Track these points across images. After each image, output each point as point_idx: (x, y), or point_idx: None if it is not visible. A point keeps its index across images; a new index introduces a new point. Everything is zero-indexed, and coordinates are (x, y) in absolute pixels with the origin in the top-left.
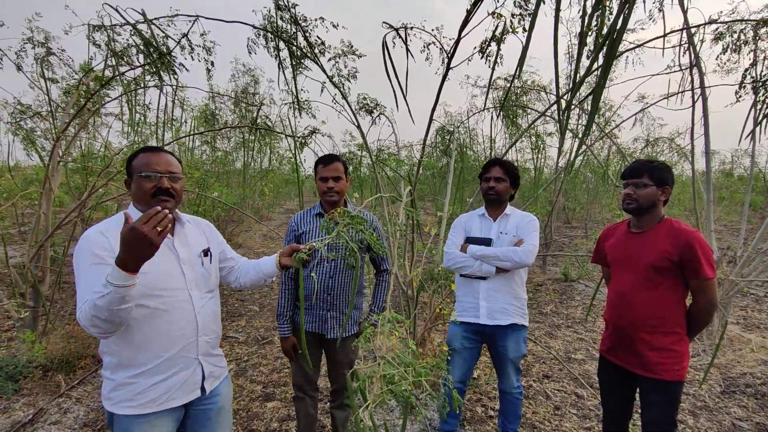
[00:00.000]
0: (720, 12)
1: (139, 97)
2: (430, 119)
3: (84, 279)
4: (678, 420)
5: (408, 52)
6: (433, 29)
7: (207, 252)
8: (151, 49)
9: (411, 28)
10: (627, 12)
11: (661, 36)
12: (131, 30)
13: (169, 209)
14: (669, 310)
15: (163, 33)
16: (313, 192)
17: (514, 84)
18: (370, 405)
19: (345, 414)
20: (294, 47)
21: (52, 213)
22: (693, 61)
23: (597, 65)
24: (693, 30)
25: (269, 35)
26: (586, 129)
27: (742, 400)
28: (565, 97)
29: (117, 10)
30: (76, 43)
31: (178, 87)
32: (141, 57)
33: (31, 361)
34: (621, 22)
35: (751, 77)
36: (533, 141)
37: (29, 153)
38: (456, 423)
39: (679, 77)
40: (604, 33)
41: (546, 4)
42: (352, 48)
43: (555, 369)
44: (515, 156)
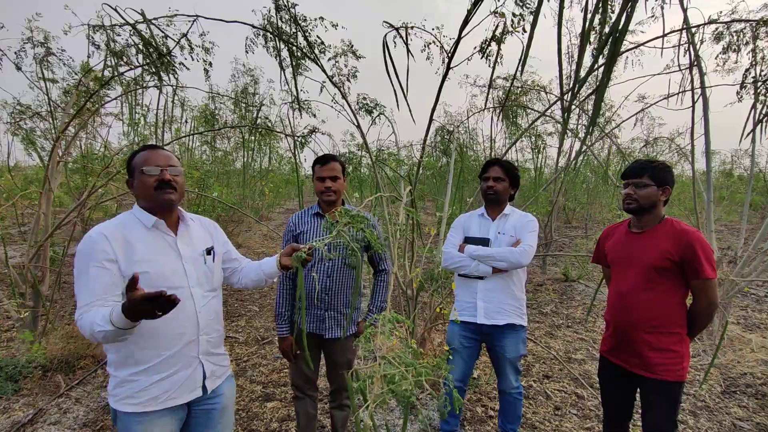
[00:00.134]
0: (720, 12)
1: (139, 98)
2: (430, 119)
3: (84, 283)
4: (678, 420)
5: (408, 51)
6: (434, 28)
7: (210, 251)
8: (151, 49)
9: (411, 27)
10: (630, 9)
11: (661, 36)
12: (130, 30)
13: (173, 201)
14: (669, 310)
15: (163, 33)
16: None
17: (513, 84)
18: (370, 405)
19: (344, 414)
20: (294, 47)
21: (51, 213)
22: (693, 61)
23: (600, 63)
24: (693, 30)
25: (269, 35)
26: (590, 125)
27: (742, 400)
28: (567, 96)
29: (116, 10)
30: (75, 43)
31: (177, 87)
32: (140, 57)
33: (31, 362)
34: (624, 19)
35: (752, 77)
36: (533, 141)
37: (29, 153)
38: (456, 423)
39: (679, 77)
40: (606, 31)
41: (546, 3)
42: (352, 47)
43: (555, 369)
44: (515, 156)
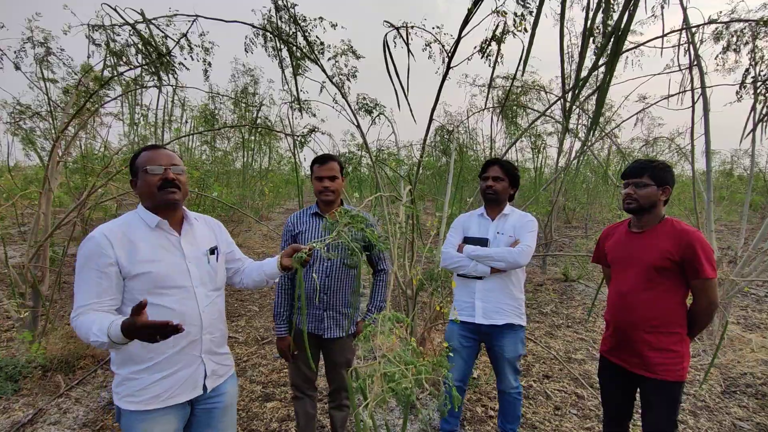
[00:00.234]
0: (720, 12)
1: (139, 98)
2: (430, 118)
3: (82, 284)
4: (678, 420)
5: (409, 51)
6: (434, 27)
7: (214, 250)
8: (150, 49)
9: (412, 27)
10: (632, 8)
11: (661, 36)
12: (130, 30)
13: (177, 200)
14: (670, 310)
15: (162, 33)
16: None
17: (513, 83)
18: (370, 404)
19: (343, 414)
20: (293, 47)
21: (51, 213)
22: (693, 61)
23: (602, 62)
24: (693, 30)
25: (269, 35)
26: (593, 124)
27: (742, 400)
28: (568, 96)
29: (115, 9)
30: (75, 43)
31: (177, 87)
32: (140, 57)
33: (31, 362)
34: (626, 18)
35: (751, 77)
36: (533, 141)
37: (28, 153)
38: (456, 422)
39: (679, 77)
40: (608, 30)
41: (547, 2)
42: (351, 47)
43: (555, 369)
44: (515, 156)
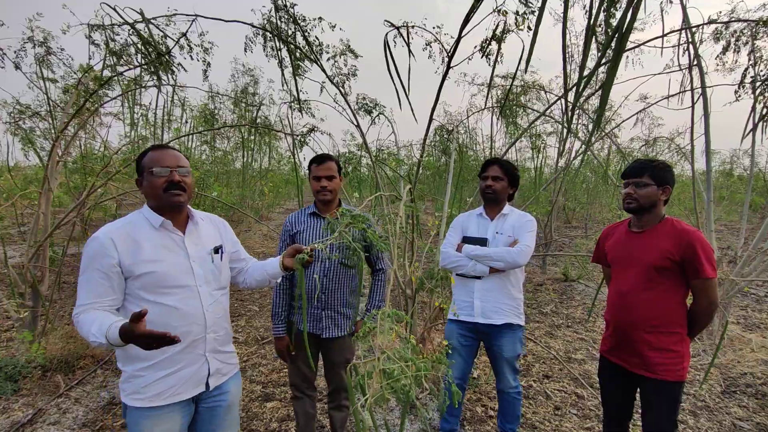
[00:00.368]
0: (719, 12)
1: (138, 97)
2: (430, 118)
3: (85, 284)
4: (678, 420)
5: (410, 51)
6: (434, 27)
7: (218, 249)
8: (150, 49)
9: (412, 26)
10: (635, 6)
11: (661, 36)
12: (129, 30)
13: (182, 202)
14: (670, 310)
15: (162, 32)
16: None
17: (513, 83)
18: (369, 400)
19: (343, 415)
20: (293, 46)
21: (51, 213)
22: (693, 61)
23: (605, 60)
24: (693, 29)
25: (268, 35)
26: (596, 123)
27: (742, 400)
28: (570, 95)
29: (115, 9)
30: (75, 43)
31: (177, 87)
32: (139, 57)
33: (30, 362)
34: (630, 15)
35: (750, 77)
36: (533, 141)
37: (27, 153)
38: (456, 421)
39: (679, 77)
40: (610, 28)
41: (549, 1)
42: (349, 47)
43: (555, 369)
44: (515, 156)
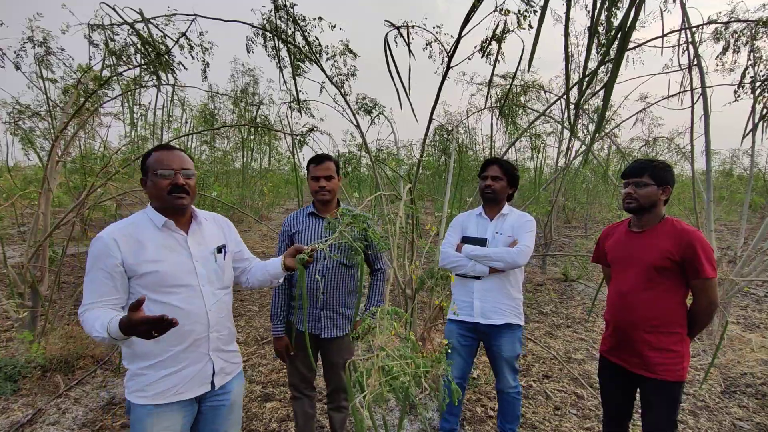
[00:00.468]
0: (719, 12)
1: (138, 97)
2: (429, 118)
3: (90, 283)
4: (678, 420)
5: (410, 51)
6: (434, 27)
7: (221, 249)
8: (149, 49)
9: (413, 26)
10: (638, 4)
11: (661, 36)
12: (129, 29)
13: (186, 205)
14: (670, 310)
15: (161, 32)
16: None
17: (513, 83)
18: (367, 396)
19: (342, 416)
20: (293, 46)
21: (51, 213)
22: (693, 61)
23: (608, 59)
24: (693, 29)
25: (268, 35)
26: (599, 122)
27: (742, 400)
28: (572, 95)
29: (114, 9)
30: (74, 43)
31: (176, 86)
32: (139, 57)
33: (30, 362)
34: (633, 14)
35: (750, 77)
36: (532, 141)
37: (27, 153)
38: (456, 421)
39: (679, 77)
40: (611, 27)
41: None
42: (348, 47)
43: (555, 369)
44: (515, 156)
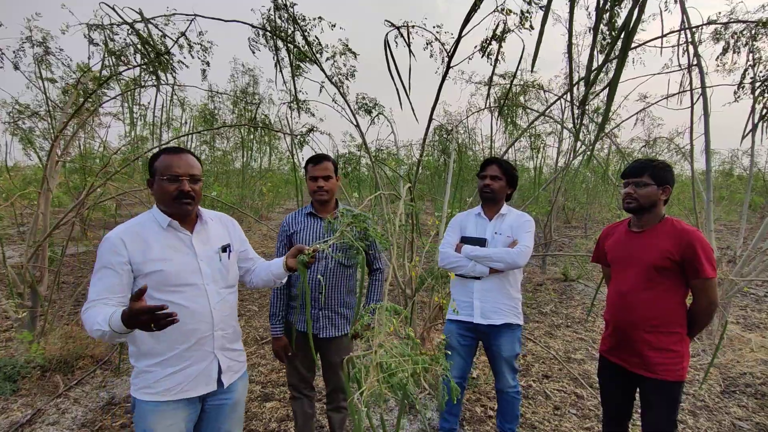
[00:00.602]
0: (719, 13)
1: (137, 97)
2: (429, 118)
3: (97, 282)
4: (678, 420)
5: (410, 50)
6: (435, 26)
7: (226, 248)
8: (149, 49)
9: (413, 26)
10: (642, 3)
11: (662, 36)
12: (128, 29)
13: (191, 211)
14: (670, 310)
15: (161, 32)
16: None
17: (513, 83)
18: (365, 393)
19: (342, 416)
20: (292, 46)
21: (50, 213)
22: (692, 61)
23: (613, 55)
24: (693, 30)
25: (268, 34)
26: (602, 122)
27: (742, 399)
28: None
29: (114, 9)
30: (74, 43)
31: (176, 86)
32: (138, 56)
33: (30, 362)
34: (636, 13)
35: (750, 78)
36: (532, 141)
37: (27, 153)
38: (455, 421)
39: (679, 77)
40: (614, 25)
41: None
42: (348, 46)
43: (554, 369)
44: (514, 156)
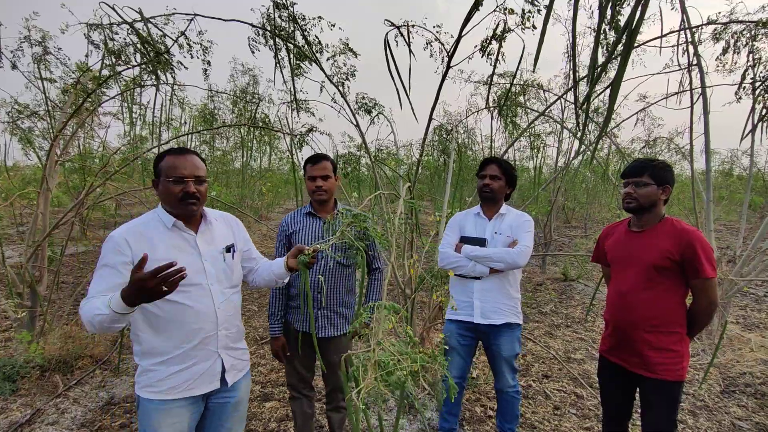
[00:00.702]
0: (719, 13)
1: (137, 97)
2: (429, 118)
3: (99, 279)
4: (678, 420)
5: (410, 50)
6: (435, 26)
7: (230, 248)
8: (148, 48)
9: (413, 26)
10: (644, 3)
11: (661, 36)
12: (128, 29)
13: (195, 212)
14: (669, 309)
15: (161, 32)
16: None
17: (513, 83)
18: (362, 390)
19: (341, 416)
20: (292, 45)
21: (49, 213)
22: (692, 61)
23: (616, 53)
24: (693, 30)
25: (268, 34)
26: (605, 121)
27: (741, 399)
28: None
29: (113, 8)
30: (73, 42)
31: (175, 86)
32: (138, 56)
33: (29, 362)
34: (639, 12)
35: (750, 78)
36: (532, 141)
37: (26, 153)
38: (455, 421)
39: (679, 77)
40: (616, 25)
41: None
42: (348, 46)
43: (554, 369)
44: (514, 156)
